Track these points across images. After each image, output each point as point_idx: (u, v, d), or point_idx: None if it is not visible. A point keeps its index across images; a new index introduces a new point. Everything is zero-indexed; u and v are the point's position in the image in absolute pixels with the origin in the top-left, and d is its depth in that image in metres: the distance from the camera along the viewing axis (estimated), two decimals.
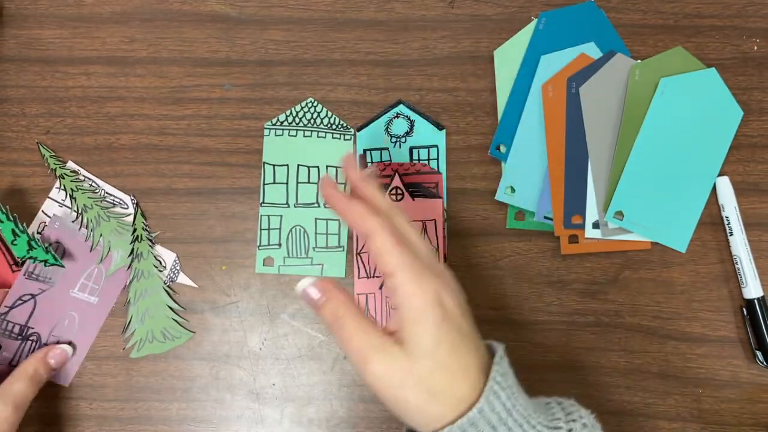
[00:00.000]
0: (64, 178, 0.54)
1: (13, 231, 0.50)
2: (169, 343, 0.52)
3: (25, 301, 0.51)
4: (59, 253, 0.52)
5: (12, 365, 0.51)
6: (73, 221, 0.53)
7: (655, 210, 0.51)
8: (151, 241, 0.53)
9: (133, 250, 0.53)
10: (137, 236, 0.53)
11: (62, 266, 0.52)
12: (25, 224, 0.50)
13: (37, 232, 0.53)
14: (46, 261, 0.51)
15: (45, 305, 0.52)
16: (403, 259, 0.35)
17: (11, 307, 0.51)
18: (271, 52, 0.55)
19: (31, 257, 0.51)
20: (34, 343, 0.51)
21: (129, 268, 0.53)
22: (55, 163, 0.54)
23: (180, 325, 0.53)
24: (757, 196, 0.53)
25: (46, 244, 0.51)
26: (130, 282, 0.53)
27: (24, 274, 0.51)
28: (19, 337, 0.51)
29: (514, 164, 0.53)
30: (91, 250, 0.53)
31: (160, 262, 0.53)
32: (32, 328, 0.52)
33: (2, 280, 0.52)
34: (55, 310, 0.52)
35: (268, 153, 0.54)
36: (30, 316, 0.52)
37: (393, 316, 0.36)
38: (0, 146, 0.55)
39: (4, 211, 0.50)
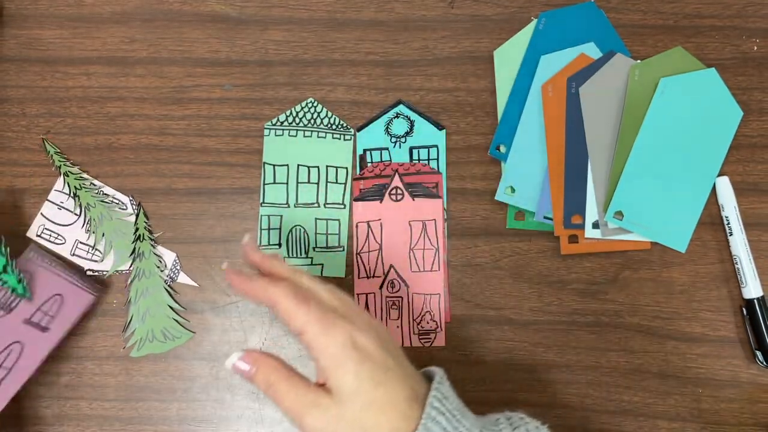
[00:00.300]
0: (68, 176, 0.54)
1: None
2: (169, 343, 0.52)
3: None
4: (28, 284, 0.50)
5: None
6: (73, 222, 0.54)
7: (655, 210, 0.52)
8: (153, 240, 0.53)
9: (134, 249, 0.53)
10: (139, 236, 0.53)
11: (30, 298, 0.50)
12: (6, 248, 0.49)
13: (36, 235, 0.53)
14: (15, 289, 0.49)
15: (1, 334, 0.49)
16: (309, 316, 0.37)
17: None
18: (271, 53, 0.55)
19: (1, 280, 0.49)
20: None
21: (130, 267, 0.53)
22: (59, 160, 0.54)
23: (180, 325, 0.53)
24: (756, 196, 0.53)
25: (20, 273, 0.49)
26: (131, 281, 0.53)
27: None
28: None
29: (514, 164, 0.53)
30: (92, 249, 0.53)
31: (161, 262, 0.53)
32: None
33: None
34: (3, 338, 0.49)
35: (268, 153, 0.54)
36: None
37: (317, 370, 0.38)
38: (0, 146, 0.55)
39: None
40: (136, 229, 0.53)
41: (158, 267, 0.53)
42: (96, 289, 0.51)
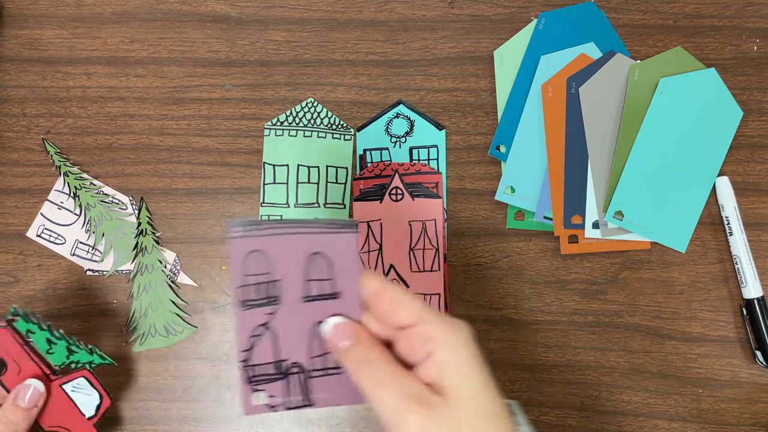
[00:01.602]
0: (68, 176, 0.54)
1: (47, 340, 0.47)
2: (171, 338, 0.53)
3: (259, 335, 0.38)
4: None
5: (289, 408, 0.39)
6: (73, 222, 0.54)
7: (655, 210, 0.52)
8: (155, 235, 0.53)
9: (137, 244, 0.53)
10: (142, 230, 0.53)
11: (113, 364, 0.49)
12: (61, 330, 0.47)
13: (36, 235, 0.53)
14: (91, 362, 0.48)
15: (282, 326, 0.38)
16: (425, 305, 0.33)
17: (249, 350, 0.38)
18: (271, 53, 0.55)
19: (72, 362, 0.47)
20: (299, 375, 0.38)
21: (133, 262, 0.53)
22: (59, 160, 0.54)
23: (182, 320, 0.53)
24: (756, 196, 0.53)
25: (89, 346, 0.48)
26: (134, 276, 0.53)
27: (241, 308, 0.37)
28: (280, 375, 0.38)
29: (514, 164, 0.53)
30: (92, 249, 0.53)
31: (160, 262, 0.53)
32: (286, 360, 0.38)
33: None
34: (295, 327, 0.38)
35: (268, 153, 0.54)
36: (275, 347, 0.39)
37: (425, 366, 0.33)
38: (0, 146, 0.55)
39: (35, 320, 0.46)
40: (139, 224, 0.53)
41: (160, 261, 0.53)
42: (348, 224, 0.38)
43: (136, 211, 0.54)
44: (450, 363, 0.32)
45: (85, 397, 0.48)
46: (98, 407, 0.49)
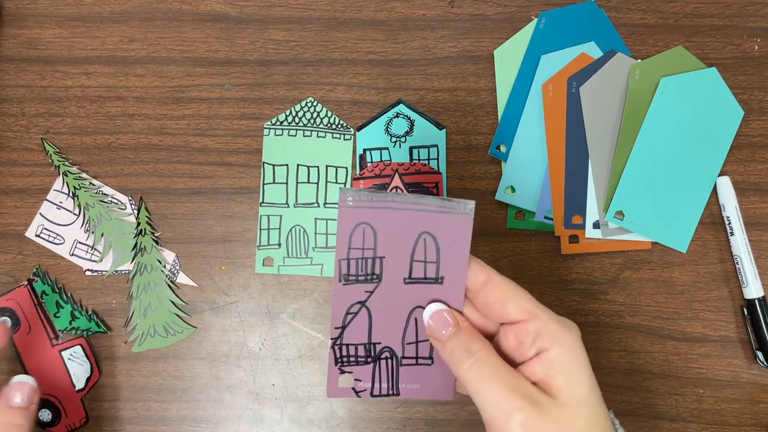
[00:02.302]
0: (67, 176, 0.54)
1: (57, 303, 0.52)
2: (171, 338, 0.52)
3: (355, 313, 0.36)
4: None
5: (374, 395, 0.37)
6: (72, 222, 0.54)
7: (656, 210, 0.51)
8: (155, 235, 0.53)
9: (136, 244, 0.53)
10: (141, 230, 0.53)
11: (105, 332, 0.52)
12: (70, 294, 0.52)
13: (36, 235, 0.53)
14: (88, 330, 0.52)
15: (380, 306, 0.36)
16: (534, 299, 0.32)
17: (342, 327, 0.36)
18: (271, 52, 0.55)
19: (73, 328, 0.52)
20: (389, 360, 0.36)
21: (132, 261, 0.53)
22: (59, 160, 0.54)
23: (182, 320, 0.53)
24: (757, 195, 0.53)
25: (90, 312, 0.52)
26: (133, 276, 0.53)
27: (341, 281, 0.35)
28: (370, 359, 0.36)
29: (514, 164, 0.53)
30: (91, 249, 0.53)
31: (160, 262, 0.53)
32: (379, 343, 0.36)
33: (42, 356, 0.51)
34: (392, 309, 0.36)
35: (267, 153, 0.54)
36: (369, 328, 0.36)
37: (532, 363, 0.31)
38: None
39: (50, 282, 0.52)
40: (138, 224, 0.53)
41: (160, 261, 0.53)
42: (464, 205, 0.35)
43: (135, 211, 0.54)
44: (562, 362, 0.30)
45: (78, 366, 0.51)
46: (88, 380, 0.51)
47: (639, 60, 0.53)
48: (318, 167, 0.54)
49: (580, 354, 0.31)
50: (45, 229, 0.54)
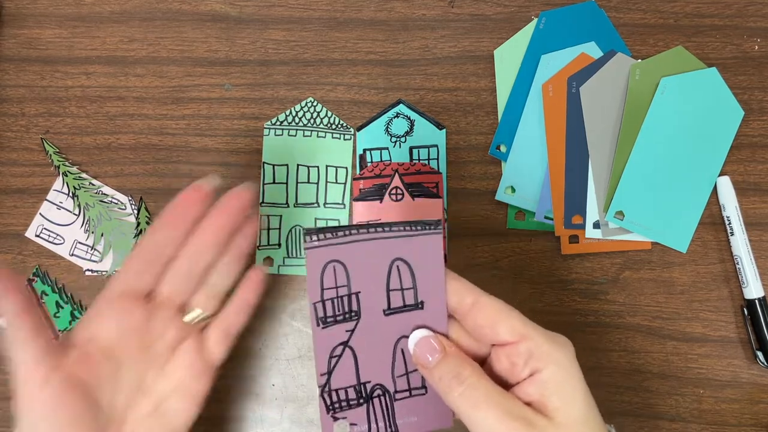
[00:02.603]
0: (67, 176, 0.54)
1: (56, 303, 0.52)
2: None
3: (339, 356, 0.35)
4: None
5: None
6: (72, 222, 0.54)
7: (656, 210, 0.51)
8: None
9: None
10: (141, 230, 0.53)
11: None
12: (71, 294, 0.52)
13: (35, 235, 0.53)
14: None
15: (363, 344, 0.35)
16: (528, 322, 0.31)
17: (328, 372, 0.35)
18: (271, 52, 0.55)
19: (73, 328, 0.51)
20: (381, 398, 0.35)
21: None
22: (59, 160, 0.54)
23: None
24: (758, 195, 0.53)
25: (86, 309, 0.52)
26: None
27: (319, 325, 0.34)
28: (362, 400, 0.35)
29: (514, 164, 0.53)
30: (90, 249, 0.53)
31: None
32: (369, 382, 0.35)
33: None
34: (377, 344, 0.35)
35: (267, 153, 0.54)
36: (356, 369, 0.35)
37: (526, 384, 0.31)
38: None
39: (50, 282, 0.52)
40: (138, 224, 0.53)
41: None
42: (432, 224, 0.35)
43: (136, 211, 0.54)
44: (556, 382, 0.30)
45: None
46: None
47: (639, 60, 0.53)
48: (318, 167, 0.54)
49: (575, 372, 0.30)
50: (45, 229, 0.54)
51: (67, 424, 0.35)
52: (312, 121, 0.54)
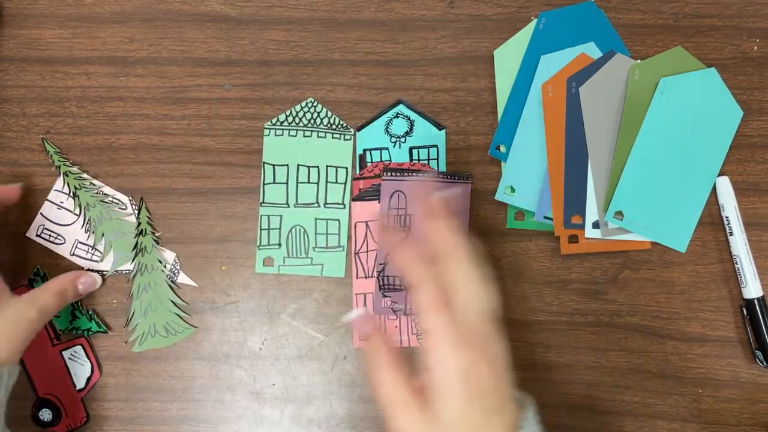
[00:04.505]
0: (68, 176, 0.54)
1: None
2: (171, 338, 0.53)
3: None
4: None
5: (407, 314, 0.51)
6: (72, 222, 0.54)
7: (655, 210, 0.51)
8: (155, 235, 0.53)
9: (137, 244, 0.53)
10: (142, 230, 0.53)
11: (105, 332, 0.52)
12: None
13: (36, 234, 0.53)
14: (89, 329, 0.52)
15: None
16: (438, 323, 0.35)
17: (384, 264, 0.50)
18: (271, 52, 0.55)
19: (74, 328, 0.52)
20: None
21: (132, 261, 0.53)
22: (59, 160, 0.54)
23: (182, 319, 0.53)
24: (757, 196, 0.53)
25: (90, 311, 0.52)
26: (134, 276, 0.53)
27: (383, 231, 0.50)
28: (402, 287, 0.51)
29: (514, 164, 0.53)
30: (91, 249, 0.53)
31: (160, 262, 0.53)
32: None
33: (42, 356, 0.52)
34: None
35: (268, 153, 0.54)
36: None
37: (425, 374, 0.36)
38: (0, 146, 0.55)
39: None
40: (139, 224, 0.53)
41: (160, 261, 0.53)
42: (465, 177, 0.50)
43: (136, 211, 0.54)
44: (438, 388, 0.35)
45: (79, 366, 0.52)
46: (88, 380, 0.52)
47: (638, 60, 0.53)
48: (318, 167, 0.54)
49: (455, 386, 0.35)
50: (46, 229, 0.54)
51: None
52: (312, 121, 0.54)
